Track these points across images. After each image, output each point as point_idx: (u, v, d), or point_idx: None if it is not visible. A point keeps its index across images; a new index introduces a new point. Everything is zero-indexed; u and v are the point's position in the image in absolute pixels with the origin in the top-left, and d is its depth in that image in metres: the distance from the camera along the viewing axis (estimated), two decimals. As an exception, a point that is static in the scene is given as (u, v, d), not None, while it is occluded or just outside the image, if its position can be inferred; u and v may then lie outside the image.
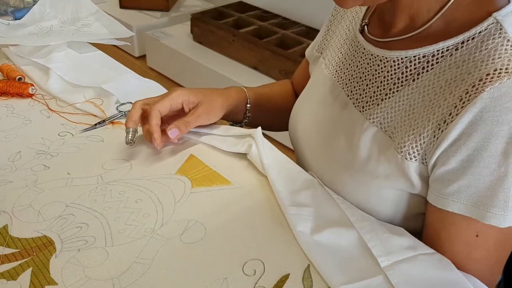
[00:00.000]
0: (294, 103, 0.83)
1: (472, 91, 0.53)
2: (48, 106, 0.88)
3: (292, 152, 0.83)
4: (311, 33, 2.39)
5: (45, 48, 1.03)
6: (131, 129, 0.75)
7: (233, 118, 0.87)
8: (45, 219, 0.63)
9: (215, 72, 2.40)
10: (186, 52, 2.58)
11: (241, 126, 0.89)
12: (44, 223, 0.63)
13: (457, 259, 0.58)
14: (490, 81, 0.52)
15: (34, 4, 1.19)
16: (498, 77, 0.52)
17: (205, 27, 2.58)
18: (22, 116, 0.85)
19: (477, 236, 0.57)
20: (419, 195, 0.62)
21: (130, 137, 0.75)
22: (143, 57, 2.90)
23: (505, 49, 0.53)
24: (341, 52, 0.74)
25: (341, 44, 0.75)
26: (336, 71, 0.74)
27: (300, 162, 0.78)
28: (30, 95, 0.90)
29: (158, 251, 0.60)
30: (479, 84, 0.53)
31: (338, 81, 0.72)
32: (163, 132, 0.75)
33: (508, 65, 0.52)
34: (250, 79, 2.28)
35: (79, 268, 0.57)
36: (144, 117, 0.77)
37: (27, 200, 0.66)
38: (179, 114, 0.80)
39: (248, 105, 0.87)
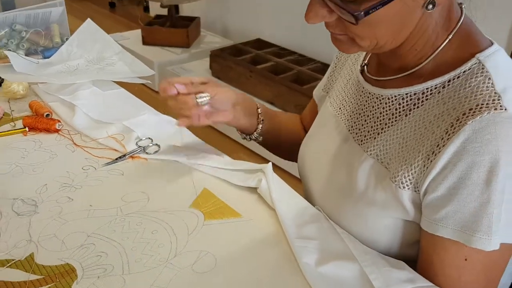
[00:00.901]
0: (301, 133, 0.88)
1: (456, 124, 0.58)
2: (73, 141, 0.94)
3: (301, 183, 0.87)
4: (326, 69, 2.42)
5: (72, 86, 1.10)
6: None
7: (248, 122, 0.90)
8: (68, 248, 0.68)
9: (232, 107, 2.47)
10: (205, 87, 2.65)
11: (256, 138, 0.92)
12: (67, 251, 0.68)
13: (449, 283, 0.62)
14: (472, 115, 0.57)
15: (62, 44, 1.27)
16: (479, 111, 0.56)
17: (224, 63, 2.67)
18: (49, 150, 0.91)
19: (466, 260, 0.60)
20: (414, 222, 0.66)
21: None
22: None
23: (486, 86, 0.58)
24: (344, 91, 0.79)
25: (345, 84, 0.80)
26: (340, 108, 0.79)
27: (306, 193, 0.82)
28: (57, 130, 0.96)
29: (172, 279, 0.64)
30: (462, 118, 0.57)
31: (341, 117, 0.77)
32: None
33: (489, 100, 0.57)
34: (266, 114, 2.34)
35: (98, 294, 0.61)
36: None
37: (52, 230, 0.71)
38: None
39: (259, 110, 0.91)
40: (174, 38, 3.13)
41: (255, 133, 0.91)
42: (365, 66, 0.75)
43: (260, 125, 0.91)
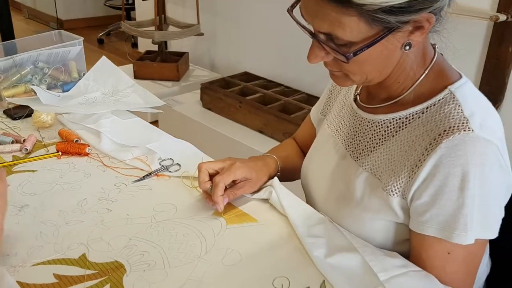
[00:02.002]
0: (300, 156, 1.01)
1: (433, 143, 0.73)
2: (103, 163, 1.07)
3: (300, 197, 1.00)
4: (310, 99, 2.63)
5: (94, 116, 1.24)
6: (209, 188, 0.91)
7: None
8: (114, 248, 0.81)
9: (223, 136, 2.61)
10: (197, 118, 2.80)
11: None
12: (114, 251, 0.80)
13: (436, 273, 0.76)
14: (446, 136, 0.72)
15: (79, 79, 1.41)
16: (452, 132, 0.72)
17: (214, 95, 2.82)
18: (82, 170, 1.04)
19: (448, 253, 0.75)
20: (403, 224, 0.80)
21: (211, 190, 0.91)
22: (155, 122, 3.12)
23: (457, 112, 0.73)
24: (340, 115, 0.95)
25: (340, 109, 0.96)
26: (337, 130, 0.93)
27: (309, 203, 0.96)
28: (87, 154, 1.09)
29: (206, 271, 0.76)
30: (438, 138, 0.73)
31: (338, 138, 0.92)
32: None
33: (459, 123, 0.72)
34: (256, 142, 2.48)
35: (146, 283, 0.74)
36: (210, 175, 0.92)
37: (97, 235, 0.84)
38: None
39: (279, 173, 1.02)
40: (165, 72, 3.28)
41: None
42: (358, 96, 0.91)
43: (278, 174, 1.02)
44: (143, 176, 1.02)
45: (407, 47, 0.73)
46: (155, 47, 3.42)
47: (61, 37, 1.47)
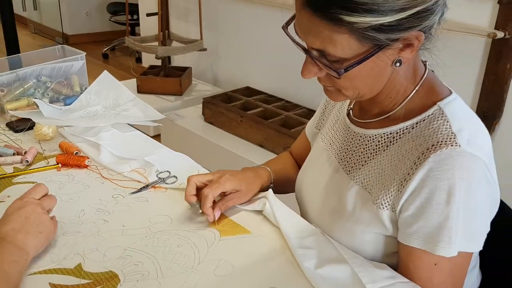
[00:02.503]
0: (295, 168, 1.03)
1: (422, 157, 0.75)
2: (101, 175, 1.09)
3: (294, 209, 1.02)
4: (311, 114, 2.61)
5: (94, 129, 1.26)
6: (194, 202, 0.94)
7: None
8: (109, 259, 0.82)
9: (225, 150, 2.63)
10: (198, 132, 2.83)
11: None
12: (109, 261, 0.82)
13: (423, 284, 0.77)
14: (434, 150, 0.74)
15: (81, 93, 1.44)
16: (439, 147, 0.73)
17: (216, 109, 2.85)
18: (81, 182, 1.06)
19: (435, 264, 0.76)
20: (392, 237, 0.81)
21: (197, 206, 0.93)
22: (157, 136, 3.15)
23: (445, 128, 0.75)
24: (333, 130, 0.97)
25: (333, 124, 0.98)
26: (330, 144, 0.95)
27: (303, 215, 0.98)
28: (86, 166, 1.11)
29: (198, 282, 0.78)
30: (426, 152, 0.74)
31: (331, 151, 0.94)
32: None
33: (447, 139, 0.74)
34: (256, 156, 2.50)
35: (139, 293, 0.75)
36: (197, 189, 0.94)
37: (94, 245, 0.86)
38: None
39: (272, 185, 1.05)
40: (168, 87, 3.32)
41: None
42: (351, 110, 0.93)
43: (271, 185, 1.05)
44: (140, 188, 1.04)
45: (398, 64, 0.75)
46: (158, 62, 3.47)
47: (64, 51, 1.51)
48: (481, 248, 0.78)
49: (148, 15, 3.56)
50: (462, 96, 0.83)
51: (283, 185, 1.07)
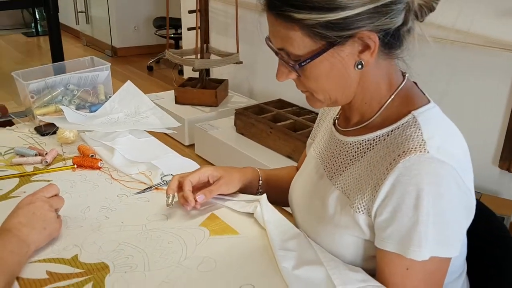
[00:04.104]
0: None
1: (393, 163, 0.77)
2: (111, 176, 1.17)
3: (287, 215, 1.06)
4: (340, 127, 2.67)
5: (112, 134, 1.35)
6: (170, 195, 1.02)
7: (248, 192, 1.11)
8: (104, 251, 0.89)
9: (253, 160, 2.69)
10: (230, 142, 2.90)
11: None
12: (103, 254, 0.89)
13: None
14: (404, 156, 0.76)
15: (106, 101, 1.54)
16: (409, 153, 0.76)
17: (247, 120, 2.92)
18: (92, 182, 1.15)
19: (407, 269, 0.78)
20: (370, 241, 0.84)
21: (170, 201, 1.01)
22: (191, 145, 3.26)
23: (417, 135, 0.78)
24: (323, 138, 1.00)
25: (324, 133, 1.01)
26: (319, 152, 0.99)
27: (294, 220, 1.02)
28: (99, 168, 1.20)
29: (181, 275, 0.83)
30: (397, 158, 0.77)
31: (319, 159, 0.98)
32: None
33: (417, 145, 0.76)
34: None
35: (125, 283, 0.81)
36: (180, 187, 1.03)
37: (92, 238, 0.93)
38: (205, 185, 1.06)
39: (260, 182, 1.12)
40: (204, 98, 3.42)
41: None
42: (337, 119, 0.97)
43: (258, 194, 1.11)
44: (144, 189, 1.11)
45: (360, 66, 0.78)
46: (197, 74, 3.58)
47: (93, 62, 1.62)
48: (456, 254, 0.79)
49: (189, 29, 3.69)
50: (493, 111, 0.84)
51: (279, 192, 1.11)
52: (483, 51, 2.17)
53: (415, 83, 0.89)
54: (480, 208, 1.00)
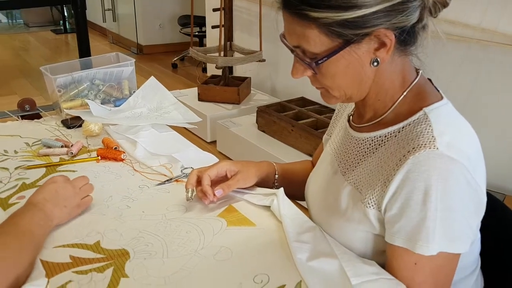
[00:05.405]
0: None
1: (403, 159, 0.78)
2: (133, 168, 1.21)
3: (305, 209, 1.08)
4: (361, 126, 2.66)
5: (135, 128, 1.39)
6: (190, 189, 1.04)
7: (264, 185, 1.13)
8: (125, 238, 0.93)
9: (274, 157, 2.71)
10: (251, 139, 2.93)
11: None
12: (124, 241, 0.92)
13: (405, 282, 0.80)
14: (413, 152, 0.77)
15: (130, 96, 1.58)
16: (418, 150, 0.77)
17: (269, 118, 2.94)
18: (115, 173, 1.19)
19: (415, 264, 0.79)
20: (380, 235, 0.85)
21: (189, 195, 1.04)
22: (213, 142, 3.29)
23: (427, 132, 0.78)
24: (339, 135, 1.02)
25: (339, 129, 1.03)
26: (335, 148, 1.01)
27: (309, 214, 1.03)
28: (122, 160, 1.24)
29: (197, 263, 0.86)
30: (407, 154, 0.78)
31: (334, 155, 0.99)
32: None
33: (427, 142, 0.77)
34: (304, 164, 2.56)
35: (144, 269, 0.84)
36: (199, 181, 1.06)
37: (113, 226, 0.97)
38: (223, 179, 1.08)
39: (276, 176, 1.14)
40: (226, 95, 3.46)
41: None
42: (351, 116, 0.98)
43: (274, 188, 1.13)
44: (165, 181, 1.14)
45: (375, 64, 0.80)
46: (220, 72, 3.62)
47: (118, 58, 1.66)
48: (465, 250, 0.79)
49: (213, 27, 3.73)
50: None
51: (294, 186, 1.13)
52: (510, 50, 2.14)
53: (430, 79, 0.89)
54: (503, 209, 1.01)
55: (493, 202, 0.96)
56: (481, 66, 2.28)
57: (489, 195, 0.91)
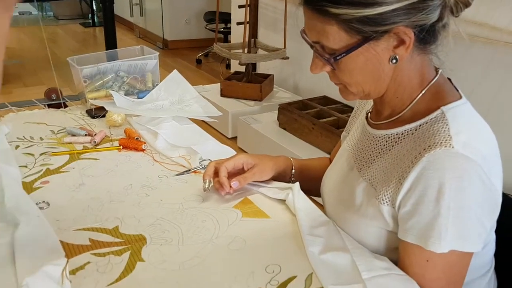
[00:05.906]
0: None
1: (418, 156, 0.79)
2: (153, 158, 1.24)
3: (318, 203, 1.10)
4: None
5: (157, 119, 1.42)
6: (207, 180, 1.07)
7: (281, 180, 1.14)
8: (142, 225, 0.95)
9: (294, 155, 2.70)
10: (272, 136, 2.94)
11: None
12: (141, 227, 0.95)
13: (416, 279, 0.81)
14: (429, 150, 0.77)
15: (153, 88, 1.61)
16: (434, 148, 0.77)
17: (290, 115, 2.95)
18: (135, 163, 1.22)
19: (427, 261, 0.79)
20: (393, 232, 0.86)
21: (206, 186, 1.06)
22: (234, 138, 3.32)
23: (444, 130, 0.79)
24: (356, 132, 1.02)
25: (357, 126, 1.04)
26: (352, 145, 1.01)
27: (324, 210, 1.04)
28: (143, 150, 1.27)
29: (211, 251, 0.88)
30: (423, 152, 0.78)
31: (351, 152, 1.00)
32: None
33: (443, 140, 0.77)
34: (323, 163, 2.56)
35: (160, 254, 0.87)
36: (216, 173, 1.08)
37: (132, 213, 0.99)
38: (240, 172, 1.10)
39: (293, 171, 1.15)
40: (249, 92, 3.48)
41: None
42: (369, 113, 0.99)
43: (292, 179, 1.15)
44: (183, 172, 1.16)
45: (394, 61, 0.80)
46: (243, 68, 3.64)
47: (143, 51, 1.69)
48: (477, 250, 0.79)
49: (238, 23, 3.75)
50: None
51: (306, 178, 1.14)
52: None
53: (449, 79, 0.89)
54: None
55: (510, 204, 0.95)
56: (508, 69, 2.24)
57: (506, 196, 0.90)
